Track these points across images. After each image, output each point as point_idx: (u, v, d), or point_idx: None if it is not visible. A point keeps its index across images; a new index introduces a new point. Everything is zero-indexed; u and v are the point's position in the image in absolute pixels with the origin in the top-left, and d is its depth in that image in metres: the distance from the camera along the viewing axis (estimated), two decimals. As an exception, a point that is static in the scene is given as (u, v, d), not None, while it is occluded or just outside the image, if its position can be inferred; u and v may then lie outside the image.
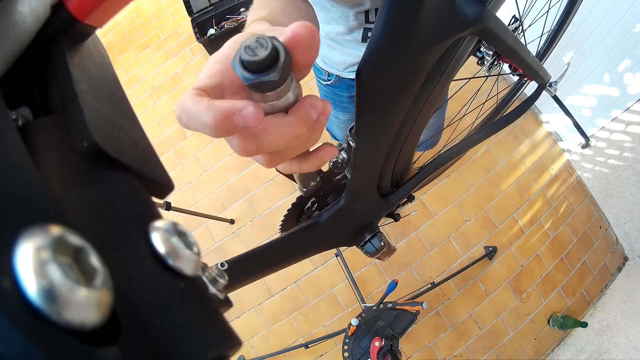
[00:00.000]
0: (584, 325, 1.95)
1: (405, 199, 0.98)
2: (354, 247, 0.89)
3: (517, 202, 2.19)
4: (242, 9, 2.65)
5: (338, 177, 0.81)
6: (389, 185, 0.80)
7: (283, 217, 0.89)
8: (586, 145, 2.09)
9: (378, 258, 0.90)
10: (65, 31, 0.24)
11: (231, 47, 0.32)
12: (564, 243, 2.16)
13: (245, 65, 0.23)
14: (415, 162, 0.92)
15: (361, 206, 0.79)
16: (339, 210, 0.75)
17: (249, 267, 0.70)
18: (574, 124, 2.10)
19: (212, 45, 2.60)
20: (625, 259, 2.21)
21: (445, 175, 2.21)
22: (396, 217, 1.01)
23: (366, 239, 0.85)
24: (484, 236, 2.15)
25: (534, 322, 2.07)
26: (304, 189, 0.64)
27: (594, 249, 2.17)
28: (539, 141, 2.29)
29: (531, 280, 2.11)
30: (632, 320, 1.84)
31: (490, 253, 2.09)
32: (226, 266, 0.52)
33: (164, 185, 0.23)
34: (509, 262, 2.13)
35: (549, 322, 2.07)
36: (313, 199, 0.83)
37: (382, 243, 0.85)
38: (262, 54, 0.23)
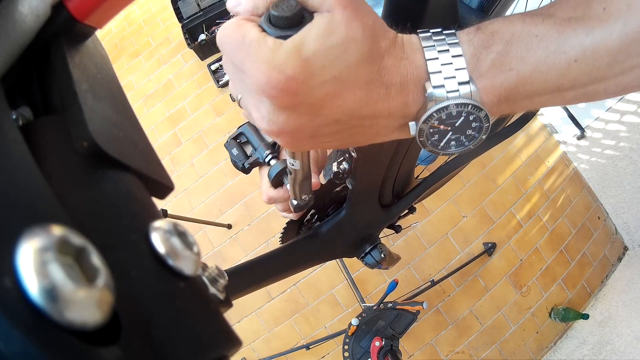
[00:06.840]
0: (586, 317, 1.95)
1: (407, 210, 0.98)
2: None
3: (514, 196, 2.20)
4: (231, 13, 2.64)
5: (338, 188, 0.80)
6: (390, 197, 0.80)
7: (283, 228, 0.87)
8: (582, 136, 2.09)
9: (381, 267, 0.90)
10: (66, 31, 0.24)
11: None
12: (563, 235, 2.17)
13: (272, 21, 0.26)
14: (417, 176, 0.93)
15: (362, 217, 0.79)
16: (339, 222, 0.75)
17: (249, 277, 0.70)
18: (568, 116, 2.10)
19: (203, 51, 2.59)
20: (625, 248, 2.22)
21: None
22: (397, 229, 0.99)
23: (367, 251, 0.85)
24: (482, 231, 2.16)
25: (535, 316, 2.07)
26: (296, 202, 0.61)
27: (593, 240, 2.18)
28: (534, 134, 2.30)
29: (531, 273, 2.11)
30: (634, 310, 1.84)
31: (490, 249, 2.09)
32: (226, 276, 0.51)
33: (164, 185, 0.23)
34: (508, 256, 2.13)
35: (550, 315, 2.07)
36: (313, 210, 0.82)
37: (382, 255, 0.85)
38: (289, 13, 0.25)
